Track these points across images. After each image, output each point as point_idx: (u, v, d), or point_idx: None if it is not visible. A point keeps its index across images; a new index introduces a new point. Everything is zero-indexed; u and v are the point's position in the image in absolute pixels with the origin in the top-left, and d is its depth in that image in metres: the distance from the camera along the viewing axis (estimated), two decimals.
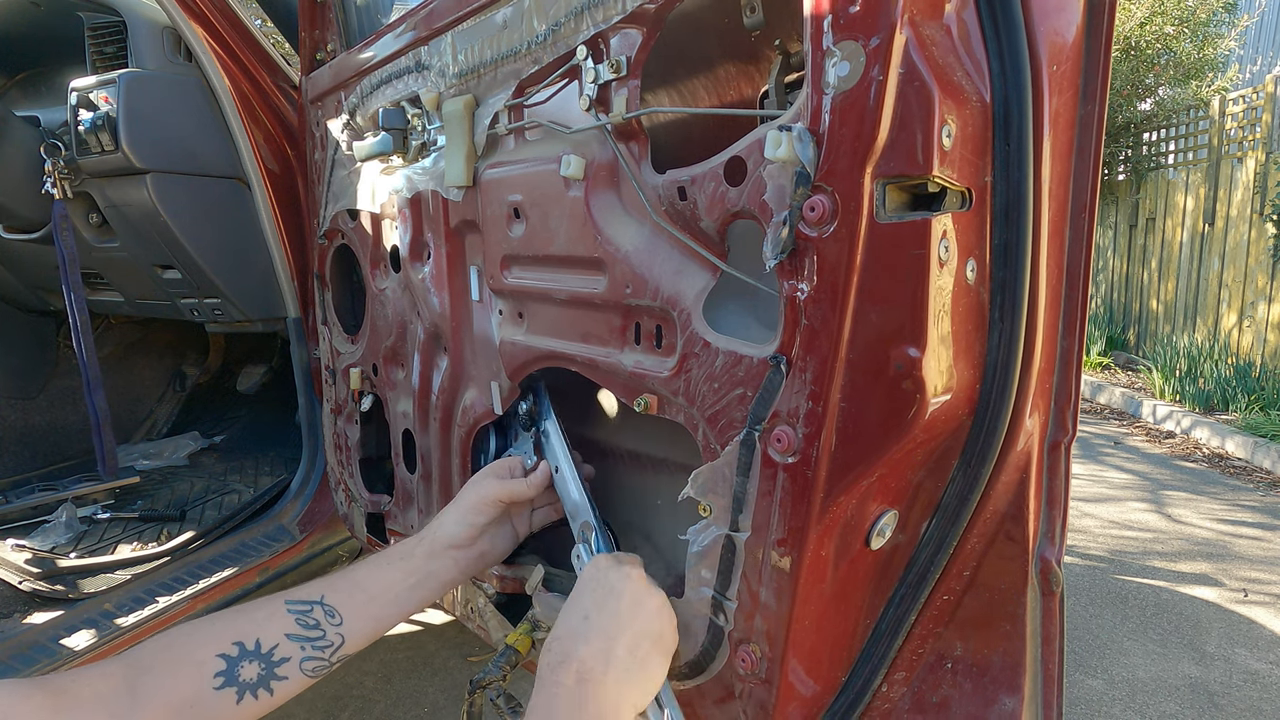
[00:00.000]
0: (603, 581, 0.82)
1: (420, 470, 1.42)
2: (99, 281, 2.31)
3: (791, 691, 0.84)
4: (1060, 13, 0.71)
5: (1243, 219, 6.05)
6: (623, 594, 0.80)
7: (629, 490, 1.23)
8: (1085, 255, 0.76)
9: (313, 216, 1.76)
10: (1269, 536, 3.61)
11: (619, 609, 0.79)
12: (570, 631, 0.77)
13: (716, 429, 0.83)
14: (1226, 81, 8.04)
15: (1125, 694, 2.36)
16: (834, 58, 0.66)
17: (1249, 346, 5.98)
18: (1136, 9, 7.18)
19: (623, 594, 0.80)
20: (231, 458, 2.62)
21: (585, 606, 0.79)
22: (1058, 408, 0.80)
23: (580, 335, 1.01)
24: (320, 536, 2.02)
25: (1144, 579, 3.15)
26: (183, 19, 1.76)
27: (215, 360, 3.15)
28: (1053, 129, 0.71)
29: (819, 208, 0.69)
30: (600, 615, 0.78)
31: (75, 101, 1.77)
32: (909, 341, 0.68)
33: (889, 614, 0.86)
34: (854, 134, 0.66)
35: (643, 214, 0.90)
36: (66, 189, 1.91)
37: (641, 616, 0.79)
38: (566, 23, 0.94)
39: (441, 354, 1.31)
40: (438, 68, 1.19)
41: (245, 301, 2.01)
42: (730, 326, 0.85)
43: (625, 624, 0.78)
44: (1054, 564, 0.80)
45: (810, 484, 0.75)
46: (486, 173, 1.11)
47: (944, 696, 0.88)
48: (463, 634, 2.59)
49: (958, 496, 0.79)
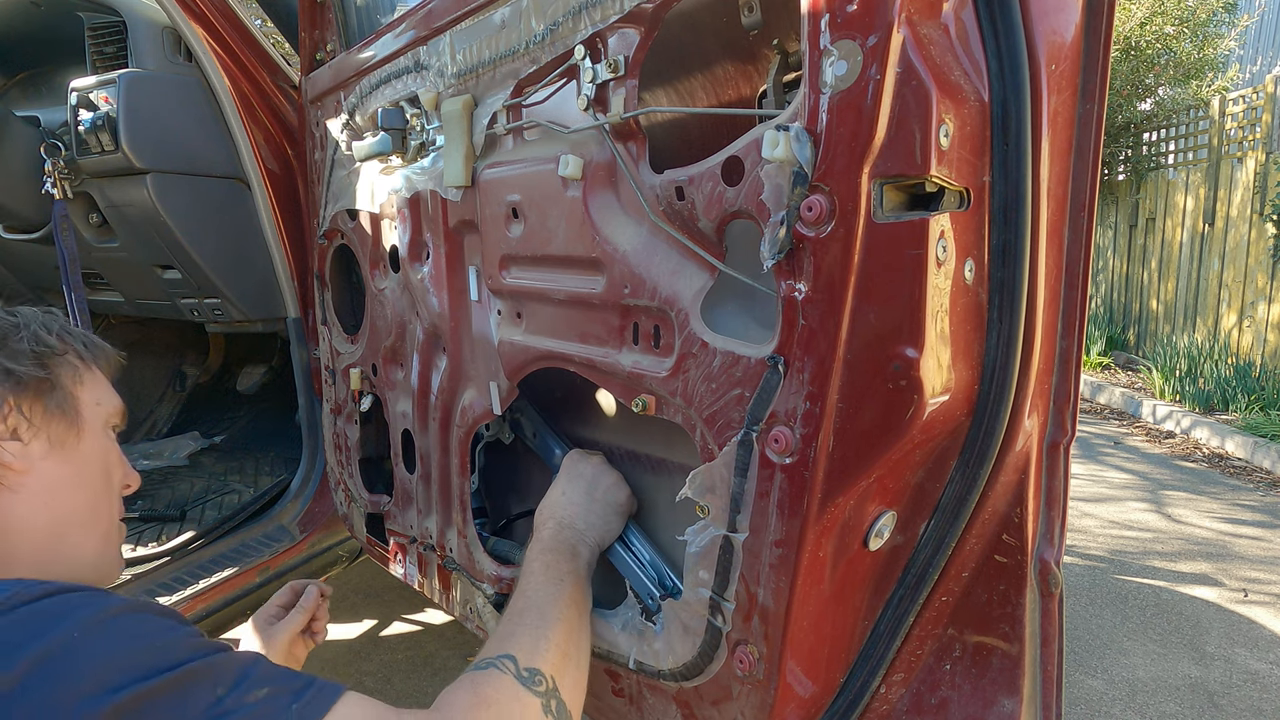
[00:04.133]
0: (573, 468, 1.10)
1: (419, 470, 1.42)
2: (99, 281, 2.31)
3: (789, 692, 0.84)
4: (1059, 12, 0.71)
5: (1243, 219, 6.04)
6: (587, 474, 1.09)
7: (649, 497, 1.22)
8: (1084, 255, 0.76)
9: (313, 216, 1.76)
10: (1269, 536, 3.61)
11: (585, 484, 1.07)
12: (551, 502, 1.06)
13: (714, 429, 0.83)
14: (1226, 81, 8.03)
15: (1125, 694, 2.36)
16: (831, 57, 0.66)
17: (1249, 346, 5.98)
18: (1136, 9, 7.18)
19: (587, 474, 1.09)
20: (231, 458, 2.62)
21: (562, 485, 1.08)
22: (1057, 408, 0.80)
23: (578, 335, 1.01)
24: (320, 536, 2.02)
25: (1144, 579, 3.15)
26: (183, 19, 1.76)
27: (215, 360, 3.15)
28: (1051, 128, 0.71)
29: (816, 207, 0.69)
30: (572, 489, 1.07)
31: (75, 101, 1.77)
32: (907, 342, 0.68)
33: (887, 615, 0.86)
34: (851, 133, 0.66)
35: (641, 214, 0.90)
36: (66, 189, 1.91)
37: (601, 486, 1.08)
38: (564, 22, 0.93)
39: (440, 354, 1.31)
40: (436, 68, 1.19)
41: (245, 301, 2.01)
42: (728, 326, 0.85)
43: (590, 492, 1.06)
44: (1053, 565, 0.80)
45: (808, 484, 0.75)
46: (485, 173, 1.11)
47: (943, 697, 0.87)
48: (462, 634, 2.59)
49: (956, 497, 0.79)
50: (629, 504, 1.10)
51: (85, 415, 0.83)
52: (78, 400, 0.83)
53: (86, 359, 0.86)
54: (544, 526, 1.03)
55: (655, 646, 0.97)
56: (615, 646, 1.02)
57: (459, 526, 1.32)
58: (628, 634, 1.01)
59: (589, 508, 1.05)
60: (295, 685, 0.62)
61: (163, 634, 0.63)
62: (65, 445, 0.81)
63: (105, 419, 0.87)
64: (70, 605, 0.61)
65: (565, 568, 0.96)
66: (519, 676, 0.78)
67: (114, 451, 0.88)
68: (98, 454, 0.84)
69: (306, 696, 0.62)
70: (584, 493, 1.06)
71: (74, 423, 0.82)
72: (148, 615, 0.65)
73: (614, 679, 1.08)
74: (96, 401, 0.86)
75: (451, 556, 1.36)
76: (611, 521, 1.06)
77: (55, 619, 0.59)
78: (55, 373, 0.81)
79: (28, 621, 0.59)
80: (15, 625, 0.59)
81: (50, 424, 0.79)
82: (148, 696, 0.57)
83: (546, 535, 1.01)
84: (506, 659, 0.80)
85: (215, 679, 0.60)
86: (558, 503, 1.06)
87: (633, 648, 1.00)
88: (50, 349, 0.81)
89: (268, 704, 0.60)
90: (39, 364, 0.79)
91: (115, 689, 0.56)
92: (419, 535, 1.46)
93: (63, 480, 0.80)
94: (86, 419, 0.83)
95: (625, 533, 1.09)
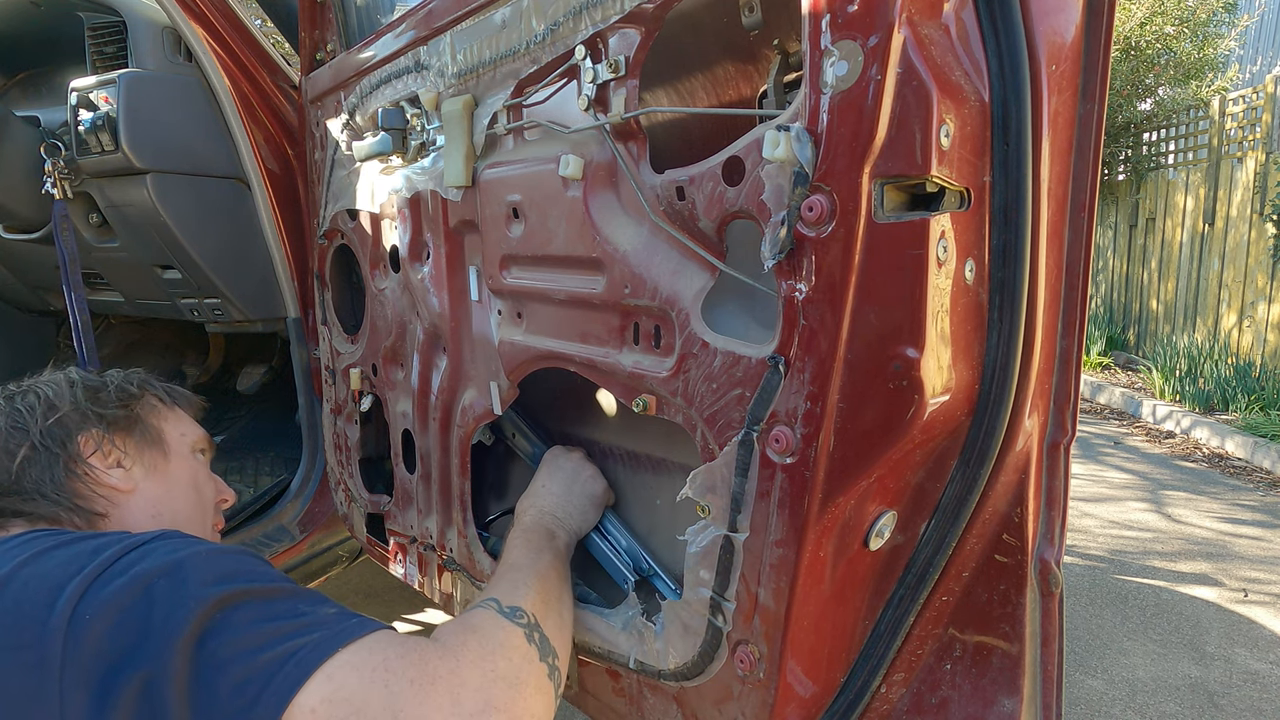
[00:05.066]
0: (553, 462, 1.17)
1: (420, 470, 1.42)
2: (99, 281, 2.31)
3: (790, 692, 0.84)
4: (1059, 12, 0.71)
5: (1243, 219, 6.04)
6: (566, 468, 1.15)
7: (628, 491, 1.23)
8: (1085, 255, 0.76)
9: (313, 216, 1.76)
10: (1269, 536, 3.61)
11: (565, 476, 1.14)
12: (532, 494, 1.13)
13: (715, 429, 0.83)
14: (1226, 81, 8.03)
15: (1125, 694, 2.36)
16: (832, 57, 0.66)
17: (1249, 346, 5.98)
18: (1136, 9, 7.18)
19: (566, 468, 1.15)
20: (231, 458, 2.61)
21: (542, 478, 1.15)
22: (1057, 408, 0.80)
23: (579, 335, 1.01)
24: (320, 536, 2.02)
25: (1144, 579, 3.15)
26: (183, 19, 1.76)
27: (215, 360, 3.15)
28: (1052, 129, 0.71)
29: (817, 208, 0.69)
30: (552, 482, 1.13)
31: (75, 101, 1.77)
32: (907, 342, 0.68)
33: (888, 615, 0.86)
34: (852, 134, 0.66)
35: (641, 214, 0.90)
36: (66, 189, 1.91)
37: (580, 479, 1.14)
38: (565, 22, 0.93)
39: (441, 354, 1.31)
40: (437, 68, 1.19)
41: (245, 301, 2.01)
42: (728, 327, 0.85)
43: (569, 485, 1.13)
44: (1053, 565, 0.80)
45: (808, 484, 0.75)
46: (485, 173, 1.11)
47: (943, 697, 0.87)
48: None
49: (956, 497, 0.79)
50: (606, 495, 1.16)
51: (170, 443, 1.05)
52: (162, 432, 1.05)
53: (167, 401, 1.10)
54: (524, 514, 1.09)
55: (656, 646, 0.97)
56: (615, 646, 1.02)
57: (459, 526, 1.32)
58: (628, 634, 1.01)
59: (568, 499, 1.12)
60: (355, 616, 0.76)
61: (259, 562, 0.79)
62: (158, 469, 1.02)
63: (191, 446, 1.09)
64: (182, 538, 0.78)
65: (543, 543, 1.03)
66: (501, 611, 0.87)
67: (203, 471, 1.10)
68: (187, 474, 1.06)
69: (361, 620, 0.75)
70: (564, 485, 1.13)
71: (161, 449, 1.03)
72: (246, 553, 0.81)
73: (614, 679, 1.08)
74: (181, 433, 1.08)
75: (451, 556, 1.36)
76: (589, 512, 1.13)
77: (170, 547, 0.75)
78: (137, 411, 1.04)
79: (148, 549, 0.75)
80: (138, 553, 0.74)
81: (143, 453, 1.01)
82: (244, 595, 0.71)
83: (527, 520, 1.08)
84: (489, 600, 0.88)
85: (296, 597, 0.75)
86: (538, 494, 1.12)
87: (633, 648, 1.00)
88: (132, 395, 1.05)
89: (336, 621, 0.73)
90: (123, 406, 1.02)
91: (221, 582, 0.71)
92: (419, 535, 1.46)
93: (160, 496, 1.00)
94: (172, 446, 1.05)
95: (602, 522, 1.15)
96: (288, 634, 0.70)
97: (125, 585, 0.69)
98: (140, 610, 0.68)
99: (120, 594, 0.68)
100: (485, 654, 0.78)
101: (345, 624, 0.73)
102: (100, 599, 0.68)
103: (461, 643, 0.78)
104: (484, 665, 0.77)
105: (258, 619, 0.70)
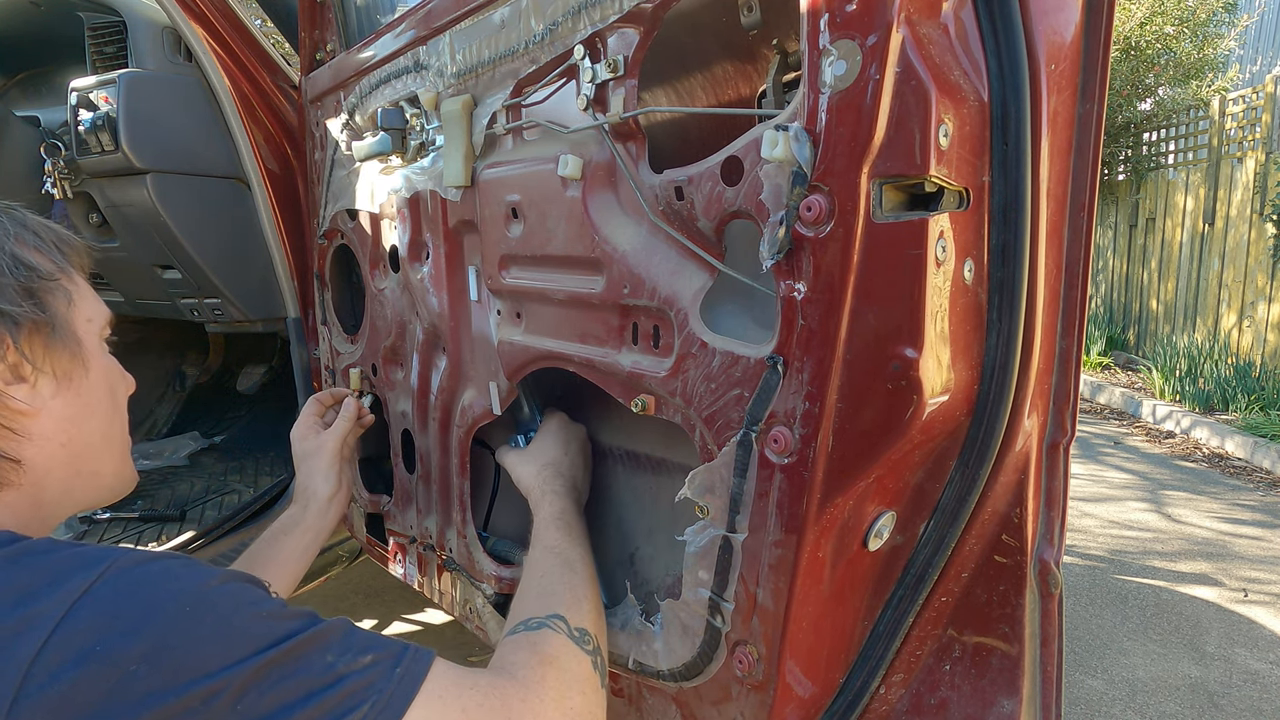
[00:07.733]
0: (552, 427, 1.20)
1: (419, 470, 1.42)
2: (99, 281, 2.31)
3: (789, 693, 0.84)
4: (1059, 11, 0.71)
5: (1242, 219, 6.04)
6: (577, 433, 1.21)
7: (627, 490, 1.23)
8: (1084, 255, 0.76)
9: (312, 216, 1.76)
10: (1269, 536, 3.61)
11: (578, 442, 1.20)
12: (554, 459, 1.15)
13: (714, 429, 0.83)
14: (1226, 81, 8.03)
15: (1125, 694, 2.36)
16: (830, 57, 0.66)
17: (1249, 346, 5.98)
18: (1136, 9, 7.18)
19: (577, 433, 1.21)
20: (231, 458, 2.62)
21: (560, 444, 1.18)
22: (1056, 408, 0.80)
23: (578, 335, 1.01)
24: None
25: (1144, 579, 3.15)
26: (183, 19, 1.76)
27: (215, 360, 3.15)
28: (1051, 128, 0.71)
29: (816, 207, 0.69)
30: (571, 448, 1.18)
31: (75, 101, 1.77)
32: (906, 342, 0.68)
33: (887, 615, 0.86)
34: (851, 133, 0.66)
35: (640, 214, 0.90)
36: (66, 189, 1.91)
37: (574, 444, 1.19)
38: (564, 22, 0.93)
39: (440, 354, 1.31)
40: (436, 68, 1.19)
41: (245, 301, 2.01)
42: (727, 326, 0.85)
43: (566, 447, 1.17)
44: (1052, 565, 0.80)
45: (807, 485, 0.75)
46: (485, 173, 1.11)
47: (942, 698, 0.87)
48: (462, 634, 2.59)
49: (956, 497, 0.79)
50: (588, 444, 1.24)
51: (84, 340, 0.78)
52: (72, 324, 0.77)
53: (67, 269, 0.79)
54: (555, 480, 1.10)
55: (654, 647, 0.97)
56: (614, 646, 1.02)
57: (458, 526, 1.32)
58: (627, 634, 1.01)
59: (579, 462, 1.17)
60: (394, 650, 0.66)
61: (266, 603, 0.64)
62: (73, 379, 0.76)
63: (99, 334, 0.82)
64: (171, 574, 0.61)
65: (578, 524, 1.04)
66: (572, 636, 0.83)
67: (114, 368, 0.84)
68: (102, 377, 0.80)
69: (405, 659, 0.65)
70: (578, 451, 1.18)
71: (76, 353, 0.76)
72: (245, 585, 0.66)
73: (613, 679, 1.08)
74: (88, 319, 0.80)
75: (451, 556, 1.36)
76: (583, 475, 1.18)
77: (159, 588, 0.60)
78: (46, 300, 0.74)
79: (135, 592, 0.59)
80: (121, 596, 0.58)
81: (52, 358, 0.74)
82: (272, 664, 0.59)
83: (561, 487, 1.08)
84: (557, 619, 0.83)
85: (324, 646, 0.63)
86: (560, 460, 1.13)
87: (632, 648, 1.00)
88: (37, 273, 0.73)
89: (374, 669, 0.63)
90: (29, 296, 0.72)
91: (242, 661, 0.58)
92: (419, 535, 1.46)
93: (73, 415, 0.75)
94: (85, 344, 0.78)
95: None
96: (340, 709, 0.59)
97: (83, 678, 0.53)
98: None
99: (78, 688, 0.53)
100: (564, 692, 0.75)
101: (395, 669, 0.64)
102: (51, 694, 0.53)
103: (540, 678, 0.74)
104: (564, 705, 0.74)
105: (290, 703, 0.58)
